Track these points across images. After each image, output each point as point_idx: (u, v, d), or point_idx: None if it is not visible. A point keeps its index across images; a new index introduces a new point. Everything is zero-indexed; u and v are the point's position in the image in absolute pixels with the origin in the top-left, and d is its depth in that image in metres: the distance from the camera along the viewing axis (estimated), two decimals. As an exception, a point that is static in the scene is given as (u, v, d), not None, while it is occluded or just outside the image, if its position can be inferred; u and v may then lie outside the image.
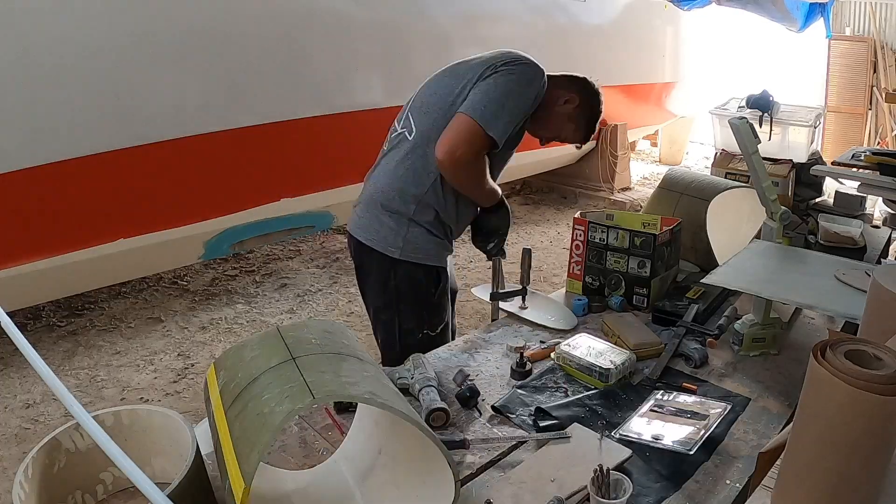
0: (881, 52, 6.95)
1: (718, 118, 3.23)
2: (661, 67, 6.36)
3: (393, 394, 1.10)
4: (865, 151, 2.86)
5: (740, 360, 1.69)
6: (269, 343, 1.17)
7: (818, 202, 3.03)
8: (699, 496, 1.18)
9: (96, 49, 2.66)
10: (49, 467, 1.15)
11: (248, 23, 3.12)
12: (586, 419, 1.39)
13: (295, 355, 1.10)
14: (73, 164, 2.67)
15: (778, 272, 1.67)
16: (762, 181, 1.77)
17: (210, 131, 3.07)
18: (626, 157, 5.98)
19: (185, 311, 3.75)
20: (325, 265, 4.45)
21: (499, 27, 4.47)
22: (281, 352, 1.12)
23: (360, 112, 3.59)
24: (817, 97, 7.21)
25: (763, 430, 1.38)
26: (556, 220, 5.60)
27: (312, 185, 3.58)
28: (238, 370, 1.12)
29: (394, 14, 3.81)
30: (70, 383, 2.98)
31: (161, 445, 1.23)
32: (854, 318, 1.37)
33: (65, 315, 3.64)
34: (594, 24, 5.35)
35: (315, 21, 3.39)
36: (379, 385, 1.08)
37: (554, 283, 4.14)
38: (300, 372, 1.04)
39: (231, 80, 3.11)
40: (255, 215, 3.40)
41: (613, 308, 1.96)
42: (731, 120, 1.79)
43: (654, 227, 2.04)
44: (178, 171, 3.05)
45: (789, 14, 5.04)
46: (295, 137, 3.40)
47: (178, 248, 3.23)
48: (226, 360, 1.19)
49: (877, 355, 0.85)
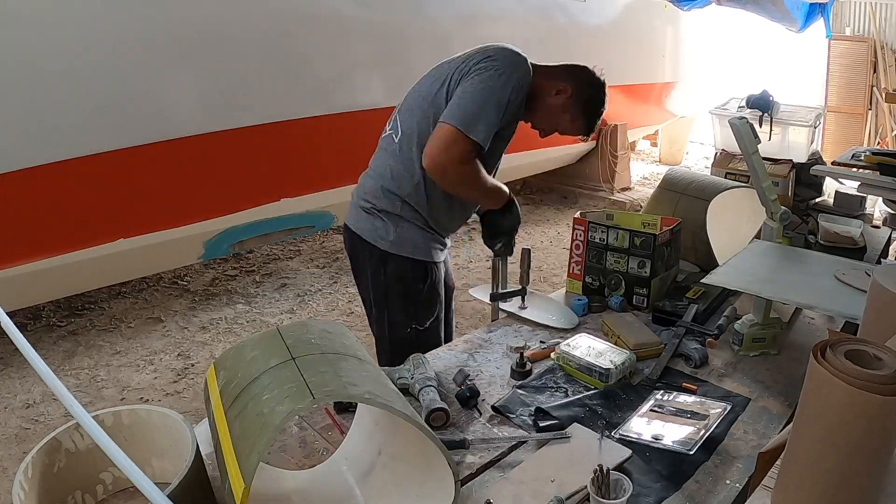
0: (881, 52, 6.95)
1: (718, 118, 3.23)
2: (661, 67, 6.37)
3: (393, 393, 1.10)
4: (865, 151, 2.86)
5: (740, 360, 1.69)
6: (268, 343, 1.17)
7: (818, 202, 3.03)
8: (699, 496, 1.18)
9: (96, 49, 2.66)
10: (49, 467, 1.15)
11: (248, 23, 3.12)
12: (586, 419, 1.39)
13: (295, 355, 1.10)
14: (73, 164, 2.67)
15: (778, 272, 1.67)
16: (762, 181, 1.77)
17: (210, 131, 3.07)
18: (626, 157, 5.98)
19: (185, 311, 3.75)
20: (325, 265, 4.45)
21: (499, 27, 4.47)
22: (281, 352, 1.12)
23: (360, 112, 3.59)
24: (817, 97, 7.21)
25: (763, 430, 1.38)
26: (556, 220, 5.61)
27: (312, 185, 3.58)
28: (238, 370, 1.12)
29: (394, 14, 3.81)
30: (70, 383, 2.98)
31: (161, 445, 1.23)
32: (854, 318, 1.37)
33: (65, 315, 3.64)
34: (594, 24, 5.35)
35: (315, 21, 3.39)
36: (378, 385, 1.08)
37: (554, 283, 4.14)
38: (300, 372, 1.04)
39: (231, 80, 3.11)
40: (255, 215, 3.40)
41: (613, 308, 1.96)
42: (731, 120, 1.79)
43: (654, 227, 2.04)
44: (179, 171, 3.05)
45: (789, 14, 5.03)
46: (295, 137, 3.40)
47: (178, 248, 3.23)
48: (226, 360, 1.19)
49: (877, 355, 0.85)
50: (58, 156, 2.63)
